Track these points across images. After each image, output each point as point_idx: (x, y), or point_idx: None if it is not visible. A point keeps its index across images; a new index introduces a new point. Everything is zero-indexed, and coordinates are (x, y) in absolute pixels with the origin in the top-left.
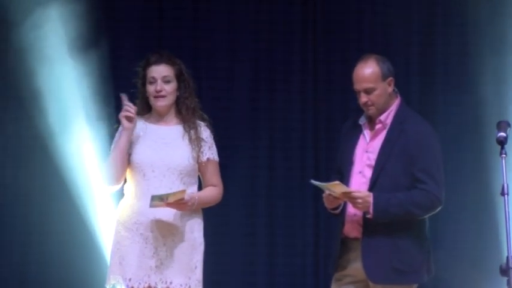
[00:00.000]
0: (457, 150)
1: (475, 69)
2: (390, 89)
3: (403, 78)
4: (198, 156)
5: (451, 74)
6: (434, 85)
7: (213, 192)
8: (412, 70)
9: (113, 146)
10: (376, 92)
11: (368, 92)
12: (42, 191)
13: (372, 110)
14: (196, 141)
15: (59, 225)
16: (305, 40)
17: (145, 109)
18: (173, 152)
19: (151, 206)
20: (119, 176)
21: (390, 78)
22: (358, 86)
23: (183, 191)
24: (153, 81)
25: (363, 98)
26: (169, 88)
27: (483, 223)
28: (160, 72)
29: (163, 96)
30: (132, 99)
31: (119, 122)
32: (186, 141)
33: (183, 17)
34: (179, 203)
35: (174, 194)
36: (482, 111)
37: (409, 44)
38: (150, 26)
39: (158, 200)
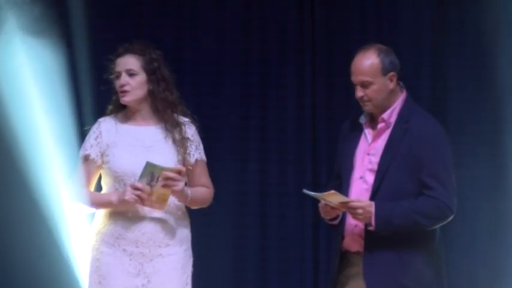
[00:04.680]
0: (474, 153)
1: (493, 62)
2: (392, 85)
3: (412, 70)
4: (185, 158)
5: (467, 67)
6: (447, 80)
7: (205, 191)
8: (422, 62)
9: (99, 198)
10: (374, 87)
11: (364, 85)
12: (5, 202)
13: (368, 106)
14: (181, 142)
15: (25, 237)
16: (302, 30)
17: (120, 107)
18: (157, 156)
19: (139, 181)
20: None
21: (392, 73)
22: (354, 78)
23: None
24: (118, 75)
25: (359, 92)
26: (134, 82)
27: (501, 227)
28: (124, 64)
29: (127, 91)
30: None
31: (91, 123)
32: (170, 143)
33: (165, 4)
34: (170, 181)
35: (169, 168)
36: (501, 109)
37: (420, 31)
38: (128, 13)
39: (148, 175)
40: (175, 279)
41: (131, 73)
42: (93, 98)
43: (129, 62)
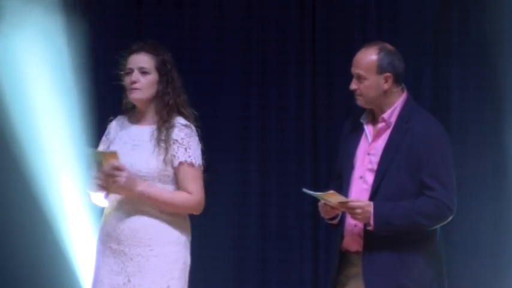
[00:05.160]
0: (475, 152)
1: (495, 61)
2: (386, 86)
3: (413, 70)
4: (170, 160)
5: (469, 66)
6: (449, 79)
7: (179, 195)
8: (423, 61)
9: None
10: (366, 83)
11: (359, 79)
12: (6, 200)
13: (359, 101)
14: (165, 143)
15: (25, 237)
16: (302, 28)
17: (129, 105)
18: (138, 155)
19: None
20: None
21: (388, 74)
22: (352, 69)
23: (115, 153)
24: (130, 71)
25: (353, 85)
26: (146, 80)
27: (502, 227)
28: (138, 62)
29: (137, 89)
30: (112, 93)
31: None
32: (153, 143)
33: (165, 4)
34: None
35: (106, 153)
36: (503, 108)
37: (420, 31)
38: (128, 13)
39: (94, 163)
40: (152, 281)
41: (144, 71)
42: (93, 97)
43: (142, 60)
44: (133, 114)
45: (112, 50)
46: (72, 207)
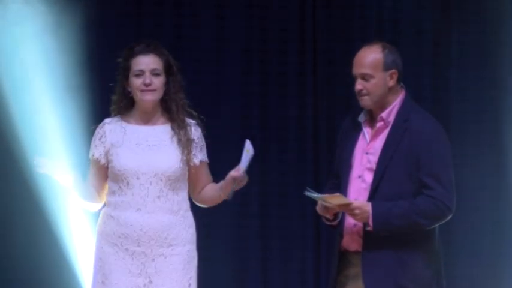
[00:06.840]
0: (475, 152)
1: (496, 61)
2: (391, 83)
3: (413, 70)
4: (188, 160)
5: (468, 66)
6: (449, 79)
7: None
8: (423, 61)
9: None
10: (373, 81)
11: (365, 78)
12: (6, 200)
13: (365, 101)
14: (186, 143)
15: (25, 238)
16: (303, 29)
17: (126, 107)
18: (160, 156)
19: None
20: (95, 200)
21: (393, 71)
22: (355, 71)
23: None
24: (141, 73)
25: (358, 85)
26: (158, 82)
27: (501, 223)
28: (149, 63)
29: (152, 90)
30: (112, 93)
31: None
32: (175, 143)
33: (165, 2)
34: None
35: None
36: (504, 108)
37: (421, 31)
38: (128, 11)
39: None
40: (176, 280)
41: (156, 73)
42: (91, 97)
43: (154, 62)
44: (132, 114)
45: (112, 50)
46: (73, 207)
